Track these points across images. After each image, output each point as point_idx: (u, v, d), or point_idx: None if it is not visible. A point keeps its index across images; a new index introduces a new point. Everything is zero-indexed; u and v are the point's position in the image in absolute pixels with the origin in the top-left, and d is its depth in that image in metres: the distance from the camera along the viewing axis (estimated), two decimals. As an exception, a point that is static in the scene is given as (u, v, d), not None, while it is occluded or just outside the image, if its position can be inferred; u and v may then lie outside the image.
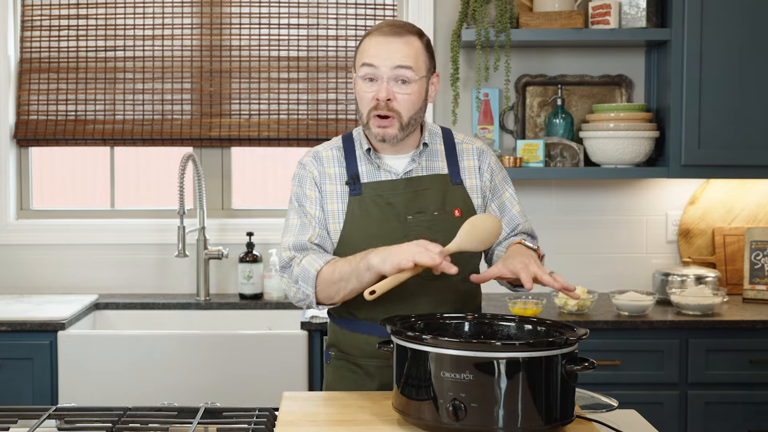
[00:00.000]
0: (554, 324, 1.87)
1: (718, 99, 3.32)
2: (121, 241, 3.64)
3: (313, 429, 1.78)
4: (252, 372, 3.03)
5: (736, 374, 3.11)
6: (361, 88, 2.14)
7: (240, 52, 3.65)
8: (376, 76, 2.11)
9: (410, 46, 2.11)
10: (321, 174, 2.21)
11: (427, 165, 2.22)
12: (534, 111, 3.62)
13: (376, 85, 2.12)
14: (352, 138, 2.26)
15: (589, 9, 3.42)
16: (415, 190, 2.18)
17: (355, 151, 2.23)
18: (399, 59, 2.10)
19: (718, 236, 3.61)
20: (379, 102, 2.11)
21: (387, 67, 2.10)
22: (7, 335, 3.05)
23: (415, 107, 2.14)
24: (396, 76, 2.10)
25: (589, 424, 1.81)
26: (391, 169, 2.20)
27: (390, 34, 2.11)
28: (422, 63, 2.14)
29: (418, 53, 2.12)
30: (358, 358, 2.22)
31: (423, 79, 2.14)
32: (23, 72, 3.65)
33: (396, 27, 2.13)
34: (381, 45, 2.11)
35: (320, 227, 2.19)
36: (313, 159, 2.24)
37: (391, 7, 3.64)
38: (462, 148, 2.27)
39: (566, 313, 3.19)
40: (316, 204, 2.20)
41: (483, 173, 2.26)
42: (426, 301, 2.16)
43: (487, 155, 2.28)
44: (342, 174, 2.21)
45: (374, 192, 2.17)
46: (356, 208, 2.17)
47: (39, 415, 1.86)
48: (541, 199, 3.63)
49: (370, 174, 2.20)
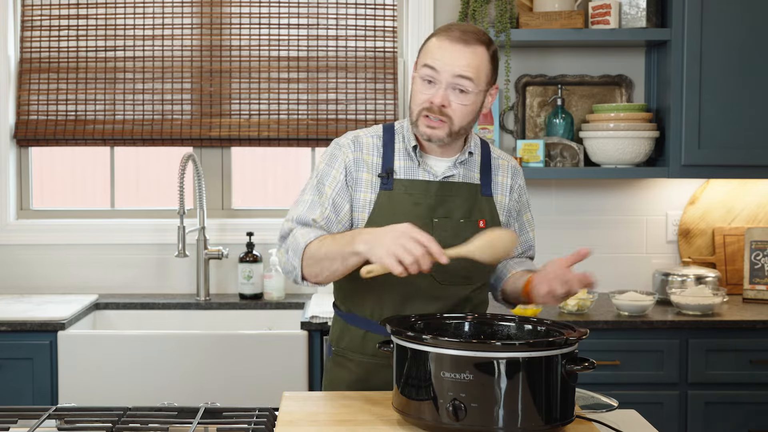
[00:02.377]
0: (554, 324, 1.88)
1: (718, 99, 3.32)
2: (121, 241, 3.64)
3: (313, 429, 1.78)
4: (252, 372, 3.03)
5: (736, 374, 3.11)
6: (418, 87, 2.10)
7: (240, 52, 3.65)
8: (436, 80, 2.07)
9: (476, 57, 2.06)
10: (357, 160, 2.17)
11: (465, 173, 2.20)
12: (534, 111, 3.62)
13: (434, 89, 2.07)
14: (393, 130, 2.22)
15: (589, 9, 3.42)
16: (445, 195, 2.16)
17: (395, 145, 2.19)
18: (461, 68, 2.05)
19: (718, 236, 3.61)
20: (433, 105, 2.07)
21: (448, 73, 2.05)
22: (7, 335, 3.05)
23: (468, 118, 2.11)
24: (455, 84, 2.06)
25: (589, 424, 1.81)
26: (431, 170, 2.17)
27: (457, 41, 2.06)
28: (484, 75, 2.08)
29: (481, 65, 2.07)
30: (359, 356, 2.21)
31: (481, 92, 2.10)
32: (23, 72, 3.65)
33: (465, 34, 2.07)
34: (446, 49, 2.06)
35: (331, 210, 2.15)
36: (351, 142, 2.19)
37: (391, 7, 3.64)
38: (498, 163, 2.26)
39: (566, 313, 3.20)
40: (335, 186, 2.15)
41: (513, 192, 2.26)
42: (439, 306, 2.15)
43: (518, 175, 2.29)
44: (378, 165, 2.17)
45: (405, 190, 2.15)
46: (385, 202, 2.15)
47: (39, 415, 1.86)
48: (541, 199, 3.63)
49: (408, 170, 2.17)
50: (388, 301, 2.15)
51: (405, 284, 2.12)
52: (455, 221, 2.15)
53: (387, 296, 2.15)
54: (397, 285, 2.12)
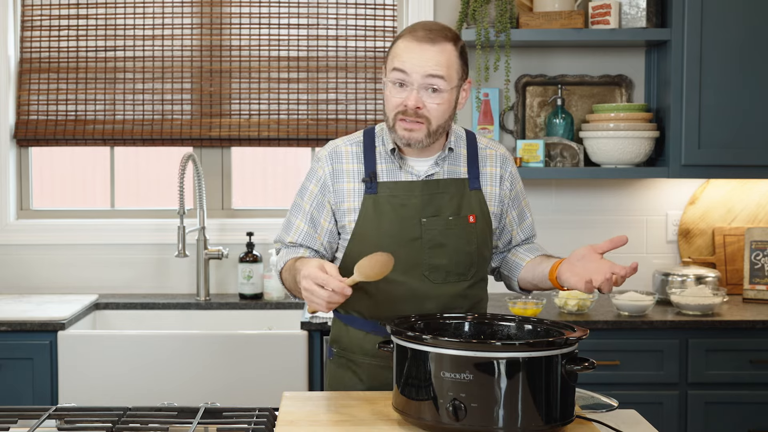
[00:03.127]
0: (554, 324, 1.87)
1: (718, 99, 3.32)
2: (121, 241, 3.64)
3: (313, 429, 1.78)
4: (252, 372, 3.03)
5: (736, 374, 3.11)
6: (390, 91, 2.09)
7: (240, 52, 3.65)
8: (407, 82, 2.06)
9: (444, 54, 2.05)
10: (336, 171, 2.19)
11: (449, 169, 2.20)
12: (534, 111, 3.62)
13: (406, 92, 2.07)
14: (374, 134, 2.22)
15: (589, 9, 3.42)
16: (432, 193, 2.16)
17: (376, 148, 2.19)
18: (431, 68, 2.04)
19: (718, 236, 3.61)
20: (408, 108, 2.06)
21: (418, 74, 2.04)
22: (7, 335, 3.05)
23: (444, 116, 2.10)
24: (427, 84, 2.05)
25: (589, 424, 1.81)
26: (413, 171, 2.17)
27: (424, 41, 2.05)
28: (455, 72, 2.08)
29: (451, 62, 2.07)
30: (359, 357, 2.22)
31: (454, 89, 2.10)
32: (23, 72, 3.65)
33: (431, 32, 2.06)
34: (414, 51, 2.05)
35: (309, 225, 2.20)
36: (329, 155, 2.21)
37: (391, 7, 3.64)
38: (485, 153, 2.24)
39: (566, 313, 3.20)
40: (312, 200, 2.21)
41: (504, 181, 2.25)
42: (433, 304, 2.15)
43: (509, 163, 2.27)
44: (360, 171, 2.18)
45: (390, 192, 2.15)
46: (370, 207, 2.15)
47: (39, 415, 1.86)
48: (541, 199, 3.63)
49: (390, 173, 2.17)
50: (383, 302, 2.16)
51: (399, 285, 2.14)
52: (444, 219, 2.15)
53: (382, 298, 2.16)
54: (391, 287, 2.13)
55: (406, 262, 2.12)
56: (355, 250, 2.15)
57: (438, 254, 2.13)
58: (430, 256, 2.14)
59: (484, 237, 2.19)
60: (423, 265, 2.14)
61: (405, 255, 2.12)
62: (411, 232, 2.13)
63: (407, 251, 2.13)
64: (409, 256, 2.13)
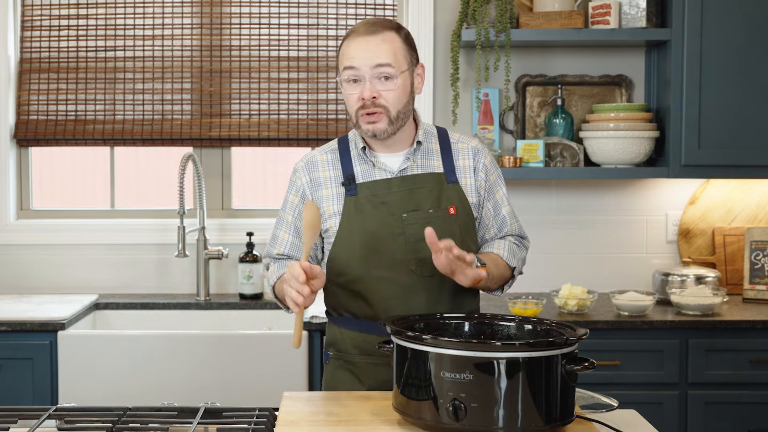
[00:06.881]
0: (554, 324, 1.88)
1: (718, 99, 3.32)
2: (121, 241, 3.64)
3: (313, 429, 1.78)
4: (252, 372, 3.03)
5: (736, 374, 3.11)
6: (346, 90, 2.18)
7: (240, 52, 3.65)
8: (359, 77, 2.14)
9: (388, 43, 2.14)
10: (313, 180, 2.25)
11: (422, 163, 2.24)
12: (534, 111, 3.62)
13: (360, 86, 2.15)
14: (348, 140, 2.29)
15: (589, 9, 3.42)
16: (410, 188, 2.20)
17: (351, 152, 2.25)
18: (378, 57, 2.13)
19: (718, 236, 3.61)
20: (365, 101, 2.14)
21: (367, 66, 2.13)
22: (7, 335, 3.05)
23: (401, 101, 2.16)
24: (378, 74, 2.13)
25: (589, 424, 1.81)
26: (386, 167, 2.22)
27: (366, 34, 2.14)
28: (402, 57, 2.16)
29: (396, 48, 2.15)
30: (356, 357, 2.22)
31: (406, 73, 2.16)
32: (23, 72, 3.65)
33: (371, 25, 2.16)
34: (359, 45, 2.14)
35: (293, 235, 2.27)
36: (305, 165, 2.28)
37: (391, 7, 3.64)
38: (458, 147, 2.29)
39: (566, 313, 3.20)
40: (294, 211, 2.28)
41: (478, 172, 2.28)
42: (422, 298, 2.17)
43: (481, 154, 2.30)
44: (338, 176, 2.24)
45: (369, 191, 2.20)
46: (352, 208, 2.19)
47: (39, 415, 1.86)
48: (541, 199, 3.63)
49: (366, 173, 2.22)
50: (374, 300, 2.18)
51: (388, 282, 2.16)
52: (425, 212, 2.18)
53: (374, 296, 2.18)
54: (381, 284, 2.16)
55: (392, 258, 2.16)
56: (340, 252, 2.19)
57: (423, 247, 2.14)
58: (415, 250, 2.17)
59: (467, 227, 2.23)
60: (409, 260, 2.17)
61: (390, 251, 2.16)
62: (393, 228, 2.17)
63: (392, 247, 2.16)
64: (394, 252, 2.16)
